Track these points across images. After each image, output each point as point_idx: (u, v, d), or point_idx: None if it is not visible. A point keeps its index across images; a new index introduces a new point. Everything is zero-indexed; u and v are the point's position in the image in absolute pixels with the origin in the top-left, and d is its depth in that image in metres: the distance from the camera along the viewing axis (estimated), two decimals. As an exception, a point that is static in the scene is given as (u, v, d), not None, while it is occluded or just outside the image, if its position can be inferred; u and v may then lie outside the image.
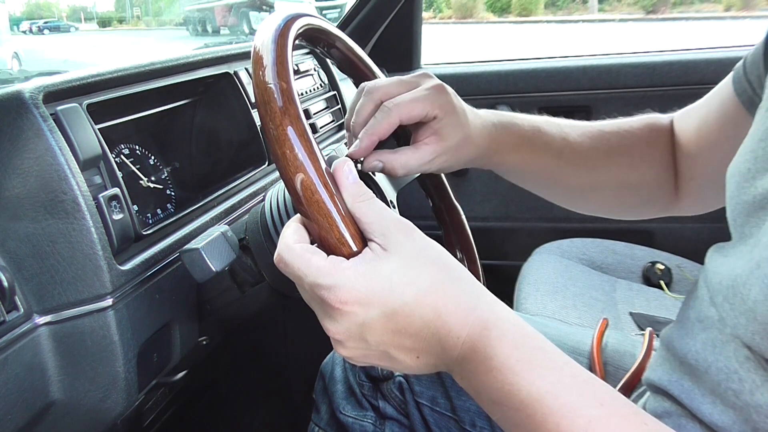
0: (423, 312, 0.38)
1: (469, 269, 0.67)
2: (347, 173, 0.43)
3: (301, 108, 0.46)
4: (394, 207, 0.60)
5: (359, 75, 0.68)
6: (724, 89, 0.59)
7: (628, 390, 0.63)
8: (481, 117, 0.61)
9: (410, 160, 0.54)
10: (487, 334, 0.37)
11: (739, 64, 0.57)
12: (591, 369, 0.69)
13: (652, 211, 0.70)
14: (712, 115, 0.61)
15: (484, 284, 0.67)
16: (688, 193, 0.65)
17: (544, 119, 0.65)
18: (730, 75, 0.58)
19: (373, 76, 0.68)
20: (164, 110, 0.79)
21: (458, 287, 0.39)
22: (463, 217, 0.72)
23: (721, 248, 0.47)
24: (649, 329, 0.70)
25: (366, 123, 0.53)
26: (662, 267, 1.18)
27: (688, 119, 0.65)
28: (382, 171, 0.53)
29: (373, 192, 0.61)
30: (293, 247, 0.41)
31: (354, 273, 0.38)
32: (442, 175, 0.73)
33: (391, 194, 0.61)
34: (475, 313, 0.38)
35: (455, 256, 0.70)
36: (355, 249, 0.44)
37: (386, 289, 0.38)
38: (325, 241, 0.44)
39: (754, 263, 0.39)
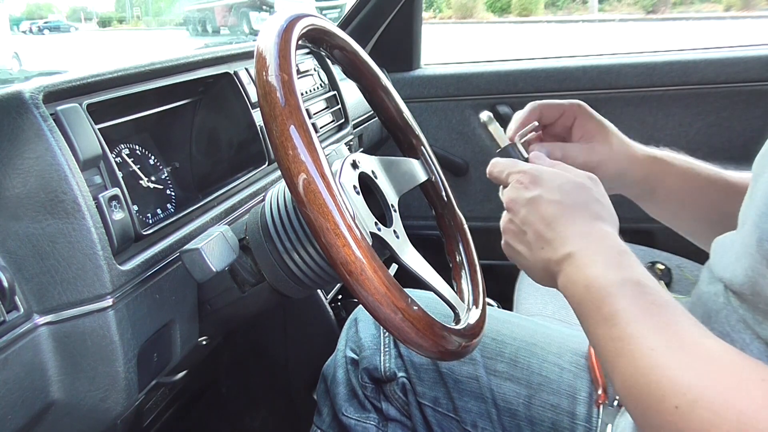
0: (566, 216, 0.49)
1: (469, 278, 0.67)
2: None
3: (303, 104, 0.46)
4: (395, 211, 0.60)
5: (361, 77, 0.68)
6: None
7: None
8: (628, 138, 0.67)
9: (570, 150, 0.63)
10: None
11: None
12: (590, 370, 0.69)
13: None
14: None
15: (483, 285, 0.67)
16: None
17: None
18: None
19: (375, 78, 0.68)
20: (164, 110, 0.78)
21: (599, 207, 0.51)
22: (466, 225, 0.72)
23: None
24: None
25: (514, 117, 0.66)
26: (662, 267, 1.18)
27: None
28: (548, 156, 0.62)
29: (375, 196, 0.61)
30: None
31: (546, 167, 0.54)
32: (445, 184, 0.73)
33: (393, 199, 0.61)
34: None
35: (455, 263, 0.70)
36: (356, 250, 0.44)
37: (560, 183, 0.51)
38: (326, 242, 0.44)
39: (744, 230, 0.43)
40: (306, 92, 1.06)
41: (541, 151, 0.61)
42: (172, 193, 0.82)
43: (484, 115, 0.65)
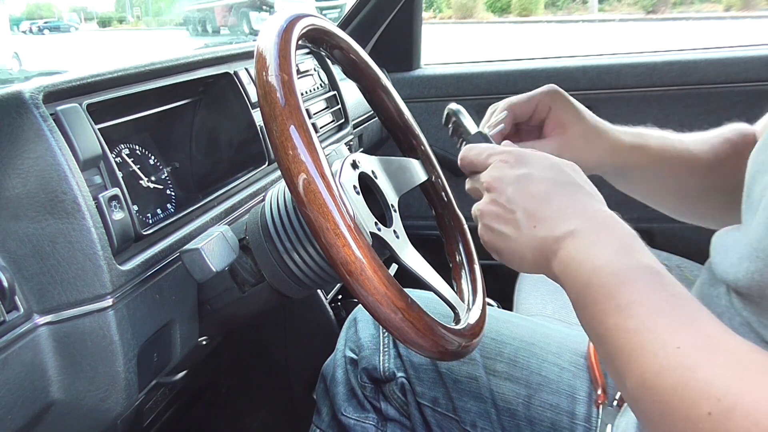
0: (563, 193, 0.46)
1: (469, 278, 0.67)
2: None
3: (303, 104, 0.46)
4: (395, 211, 0.60)
5: (361, 77, 0.68)
6: None
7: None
8: (605, 123, 0.66)
9: (540, 148, 0.58)
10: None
11: None
12: (590, 370, 0.69)
13: None
14: None
15: (483, 285, 0.67)
16: None
17: (659, 130, 0.69)
18: None
19: (375, 78, 0.68)
20: (164, 110, 0.78)
21: (587, 189, 0.48)
22: (465, 226, 0.72)
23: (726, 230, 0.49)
24: None
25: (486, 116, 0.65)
26: (662, 267, 1.18)
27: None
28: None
29: (375, 196, 0.61)
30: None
31: (531, 150, 0.51)
32: (445, 184, 0.73)
33: (393, 199, 0.61)
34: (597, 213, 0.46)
35: (455, 263, 0.70)
36: (356, 250, 0.44)
37: (550, 163, 0.49)
38: (326, 242, 0.44)
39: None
40: (306, 92, 1.06)
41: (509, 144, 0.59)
42: (172, 193, 0.82)
43: (453, 106, 0.64)
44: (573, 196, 0.46)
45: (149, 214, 0.77)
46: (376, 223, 0.54)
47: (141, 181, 0.77)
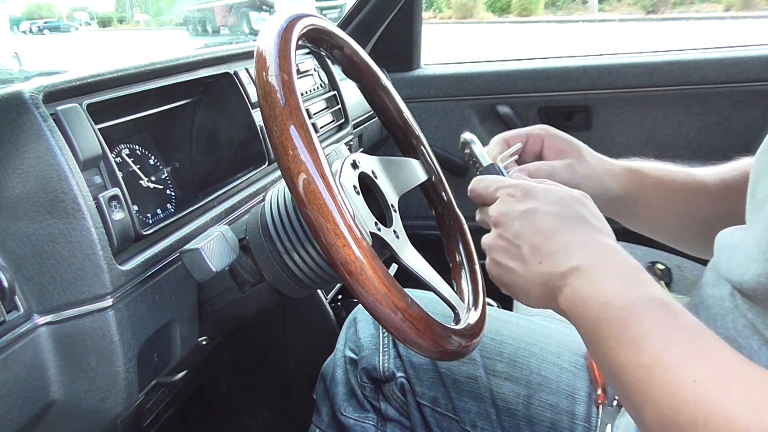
0: (568, 228, 0.47)
1: (469, 278, 0.67)
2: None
3: (303, 104, 0.46)
4: (395, 211, 0.60)
5: (361, 77, 0.68)
6: None
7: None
8: (607, 158, 0.66)
9: (556, 169, 0.61)
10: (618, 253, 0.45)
11: None
12: (589, 370, 0.69)
13: None
14: None
15: (483, 285, 0.67)
16: None
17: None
18: None
19: (375, 78, 0.68)
20: (164, 110, 0.78)
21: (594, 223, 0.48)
22: (466, 226, 0.72)
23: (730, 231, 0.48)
24: None
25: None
26: (662, 267, 1.18)
27: None
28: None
29: (375, 196, 0.61)
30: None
31: (536, 183, 0.51)
32: (445, 184, 0.73)
33: (393, 199, 0.61)
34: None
35: (455, 263, 0.70)
36: (356, 250, 0.44)
37: (557, 197, 0.49)
38: (326, 242, 0.44)
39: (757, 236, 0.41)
40: (306, 92, 1.06)
41: (524, 171, 0.59)
42: (172, 193, 0.82)
43: (467, 135, 0.65)
44: (578, 230, 0.46)
45: (149, 214, 0.77)
46: (376, 223, 0.54)
47: (141, 181, 0.77)
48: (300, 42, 0.52)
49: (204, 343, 0.75)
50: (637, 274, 0.43)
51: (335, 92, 1.15)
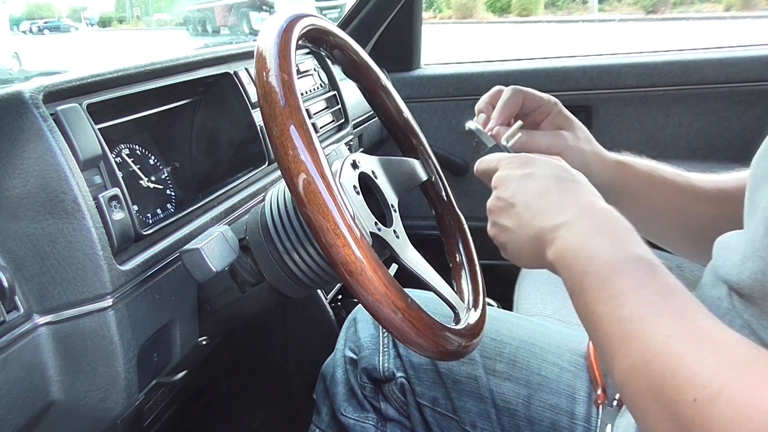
0: (562, 188, 0.49)
1: (469, 278, 0.67)
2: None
3: (303, 104, 0.46)
4: (395, 211, 0.60)
5: (361, 77, 0.68)
6: None
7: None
8: (595, 141, 0.68)
9: (537, 137, 0.64)
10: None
11: None
12: (589, 370, 0.69)
13: None
14: None
15: (483, 285, 0.67)
16: None
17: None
18: None
19: (375, 78, 0.68)
20: (164, 110, 0.78)
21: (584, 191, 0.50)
22: (466, 226, 0.72)
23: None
24: None
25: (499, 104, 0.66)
26: (662, 267, 1.17)
27: None
28: (507, 142, 0.64)
29: (375, 196, 0.61)
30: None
31: (540, 155, 0.54)
32: (445, 184, 0.73)
33: (393, 199, 0.61)
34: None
35: (455, 263, 0.70)
36: (356, 250, 0.44)
37: (555, 165, 0.51)
38: (325, 242, 0.44)
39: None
40: (306, 92, 1.06)
41: (505, 137, 0.63)
42: (172, 193, 0.82)
43: (471, 124, 0.66)
44: (572, 190, 0.48)
45: (149, 214, 0.77)
46: (376, 223, 0.54)
47: (141, 181, 0.77)
48: (300, 42, 0.52)
49: (204, 343, 0.75)
50: (628, 234, 0.44)
51: (335, 92, 1.15)
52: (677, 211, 0.66)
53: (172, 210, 0.80)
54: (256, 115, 0.85)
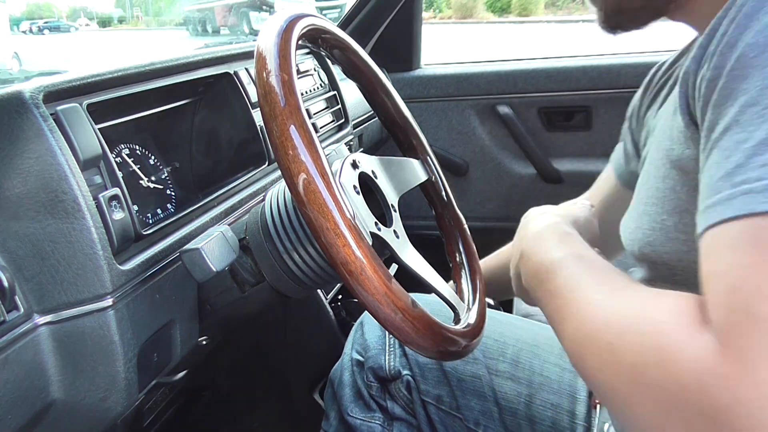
0: (534, 227, 0.58)
1: (469, 278, 0.67)
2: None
3: (303, 104, 0.45)
4: (395, 211, 0.60)
5: (361, 77, 0.68)
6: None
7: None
8: None
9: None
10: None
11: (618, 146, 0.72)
12: None
13: None
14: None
15: (483, 285, 0.67)
16: None
17: None
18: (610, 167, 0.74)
19: (375, 78, 0.68)
20: (164, 110, 0.78)
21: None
22: (466, 226, 0.72)
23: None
24: None
25: None
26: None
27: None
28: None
29: (375, 196, 0.61)
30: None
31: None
32: (445, 184, 0.73)
33: (393, 199, 0.61)
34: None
35: (455, 263, 0.70)
36: (356, 250, 0.44)
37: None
38: (326, 242, 0.44)
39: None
40: (306, 92, 1.06)
41: None
42: (172, 193, 0.82)
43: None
44: (534, 225, 0.58)
45: (149, 214, 0.77)
46: (376, 223, 0.54)
47: (141, 181, 0.77)
48: (300, 42, 0.52)
49: (204, 343, 0.75)
50: (560, 239, 0.53)
51: (335, 92, 1.15)
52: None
53: (172, 210, 0.80)
54: (256, 115, 0.85)
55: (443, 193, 0.73)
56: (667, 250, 0.47)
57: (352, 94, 1.19)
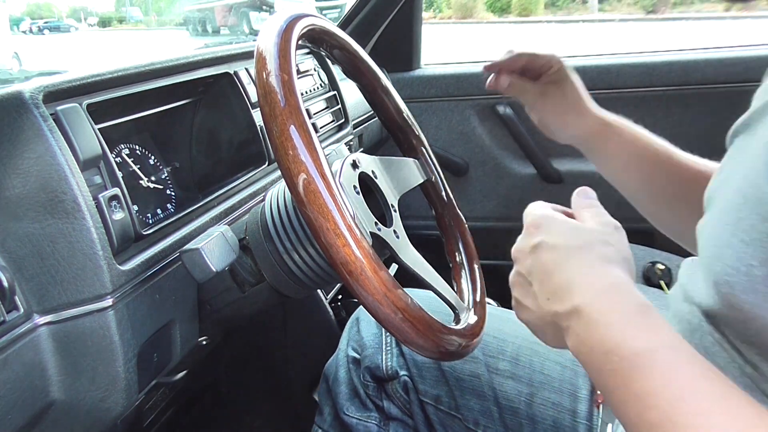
0: (571, 261, 0.43)
1: (469, 278, 0.67)
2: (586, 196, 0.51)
3: (303, 104, 0.45)
4: (395, 211, 0.60)
5: (361, 77, 0.68)
6: None
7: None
8: (591, 104, 0.74)
9: (529, 86, 0.73)
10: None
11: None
12: None
13: None
14: None
15: (483, 285, 0.67)
16: None
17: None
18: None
19: (375, 78, 0.68)
20: (164, 110, 0.78)
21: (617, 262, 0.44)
22: (466, 226, 0.72)
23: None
24: None
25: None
26: (662, 267, 1.18)
27: None
28: (509, 87, 0.74)
29: (375, 196, 0.61)
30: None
31: (551, 214, 0.48)
32: (445, 184, 0.73)
33: (393, 199, 0.61)
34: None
35: (455, 263, 0.70)
36: (356, 250, 0.44)
37: (565, 228, 0.46)
38: (325, 242, 0.44)
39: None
40: (306, 92, 1.06)
41: (503, 83, 0.73)
42: (172, 193, 0.82)
43: None
44: (582, 263, 0.43)
45: (149, 214, 0.77)
46: (376, 223, 0.54)
47: (141, 181, 0.77)
48: (300, 42, 0.52)
49: (204, 343, 0.75)
50: (642, 318, 0.39)
51: (335, 92, 1.15)
52: (650, 180, 0.69)
53: (172, 210, 0.80)
54: (256, 115, 0.85)
55: (443, 193, 0.73)
56: (751, 300, 0.37)
57: (352, 94, 1.19)
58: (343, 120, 1.16)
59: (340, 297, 1.23)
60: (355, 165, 0.57)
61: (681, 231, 0.70)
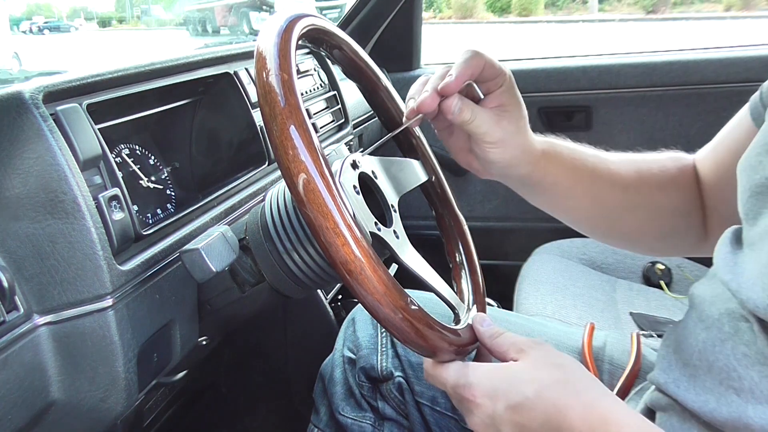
0: (545, 407, 0.42)
1: (469, 278, 0.67)
2: (482, 321, 0.51)
3: (303, 104, 0.45)
4: (395, 211, 0.60)
5: (361, 77, 0.68)
6: (741, 119, 0.63)
7: (627, 388, 0.63)
8: (531, 134, 0.64)
9: (479, 119, 0.57)
10: (607, 429, 0.40)
11: (756, 94, 0.60)
12: (587, 369, 0.69)
13: (682, 244, 0.70)
14: (731, 145, 0.63)
15: (483, 285, 0.67)
16: (714, 228, 0.66)
17: (574, 144, 0.68)
18: (747, 106, 0.61)
19: (375, 78, 0.68)
20: (164, 110, 0.78)
21: (580, 385, 0.43)
22: (466, 227, 0.72)
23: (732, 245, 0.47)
24: (635, 332, 0.71)
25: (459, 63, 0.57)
26: (662, 267, 1.18)
27: (708, 153, 0.68)
28: (459, 113, 0.57)
29: (375, 196, 0.61)
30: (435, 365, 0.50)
31: (484, 372, 0.47)
32: (445, 184, 0.73)
33: (393, 199, 0.61)
34: (596, 409, 0.41)
35: (455, 263, 0.70)
36: (356, 250, 0.44)
37: (510, 385, 0.44)
38: (325, 242, 0.44)
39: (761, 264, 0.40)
40: (306, 92, 1.06)
41: (456, 106, 0.55)
42: (172, 193, 0.82)
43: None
44: (574, 401, 0.42)
45: (149, 214, 0.77)
46: (376, 223, 0.54)
47: (141, 181, 0.77)
48: (300, 42, 0.52)
49: (204, 343, 0.75)
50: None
51: (335, 92, 1.15)
52: (593, 200, 0.66)
53: (172, 210, 0.80)
54: (256, 115, 0.85)
55: (443, 193, 0.73)
56: None
57: (352, 94, 1.19)
58: (343, 120, 1.16)
59: (340, 297, 1.23)
60: (355, 165, 0.57)
61: (638, 239, 0.70)
